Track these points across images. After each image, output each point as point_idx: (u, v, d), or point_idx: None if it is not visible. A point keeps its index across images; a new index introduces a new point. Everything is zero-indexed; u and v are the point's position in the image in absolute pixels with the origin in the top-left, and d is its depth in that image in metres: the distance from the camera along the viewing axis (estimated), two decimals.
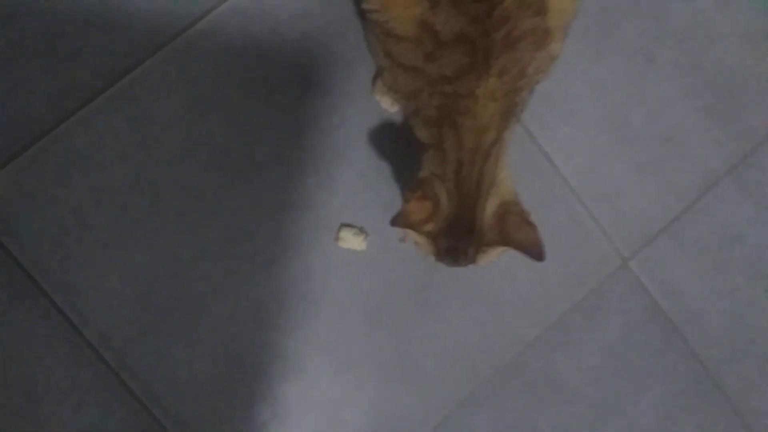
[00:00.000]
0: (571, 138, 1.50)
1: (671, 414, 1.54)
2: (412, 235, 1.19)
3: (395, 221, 1.15)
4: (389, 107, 1.41)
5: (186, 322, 1.40)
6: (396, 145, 1.44)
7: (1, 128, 1.35)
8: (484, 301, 1.48)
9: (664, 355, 1.53)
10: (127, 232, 1.38)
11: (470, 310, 1.48)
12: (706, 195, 1.54)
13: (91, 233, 1.37)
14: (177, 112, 1.39)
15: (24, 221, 1.35)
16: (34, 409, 1.36)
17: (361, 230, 1.43)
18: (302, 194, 1.42)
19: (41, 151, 1.36)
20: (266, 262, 1.42)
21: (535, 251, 1.14)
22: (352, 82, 1.42)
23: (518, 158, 1.41)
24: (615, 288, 1.52)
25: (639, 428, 1.53)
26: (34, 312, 1.36)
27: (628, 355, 1.52)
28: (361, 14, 1.33)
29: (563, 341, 1.50)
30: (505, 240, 1.16)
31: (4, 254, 1.35)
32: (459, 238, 1.16)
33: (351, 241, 1.42)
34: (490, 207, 1.16)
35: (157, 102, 1.38)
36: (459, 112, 1.12)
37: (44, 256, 1.36)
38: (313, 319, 1.43)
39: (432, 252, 1.20)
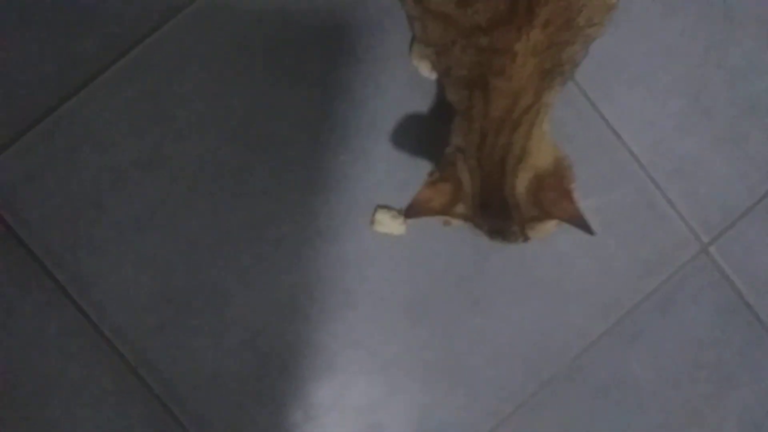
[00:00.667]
0: (639, 107, 1.37)
1: (759, 420, 1.41)
2: (447, 219, 1.09)
3: (408, 212, 1.07)
4: (429, 74, 1.30)
5: (208, 314, 1.32)
6: (437, 117, 1.33)
7: (7, 103, 1.30)
8: (540, 293, 1.37)
9: (750, 353, 1.40)
10: (144, 216, 1.31)
11: (526, 303, 1.37)
12: None
13: (105, 217, 1.31)
14: (195, 83, 1.32)
15: (33, 205, 1.30)
16: (46, 405, 1.30)
17: (400, 212, 1.33)
18: (333, 173, 1.33)
19: (49, 127, 1.30)
20: (295, 249, 1.33)
21: (579, 227, 1.04)
22: (387, 47, 1.33)
23: (578, 130, 1.33)
24: (693, 277, 1.39)
25: None
26: (46, 303, 1.30)
27: (708, 354, 1.40)
28: None
29: (633, 338, 1.38)
30: (546, 217, 1.06)
31: (14, 240, 1.30)
32: (496, 217, 1.08)
33: (388, 224, 1.32)
34: (522, 183, 1.05)
35: (173, 72, 1.31)
36: (493, 71, 1.00)
37: (56, 243, 1.30)
38: (348, 312, 1.34)
39: (480, 233, 1.10)
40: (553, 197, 1.04)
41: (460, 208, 1.08)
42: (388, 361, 1.35)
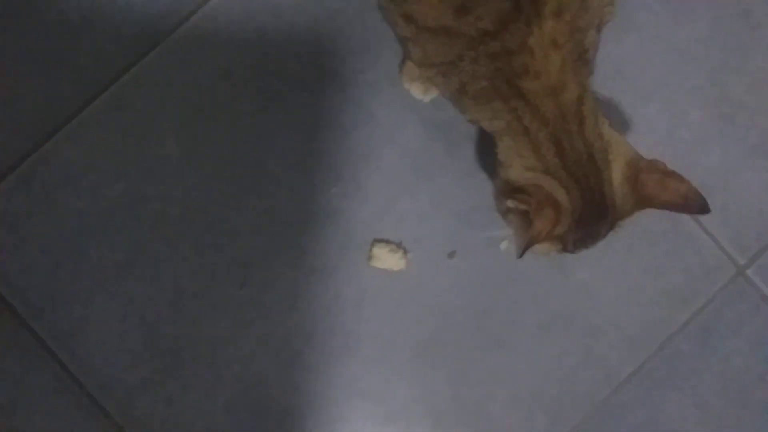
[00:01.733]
0: (656, 120, 1.29)
1: None
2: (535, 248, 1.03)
3: (526, 249, 0.99)
4: (422, 95, 1.24)
5: (199, 365, 1.24)
6: (433, 141, 1.27)
7: None
8: (562, 328, 1.27)
9: None
10: (127, 262, 1.25)
11: (547, 341, 1.27)
12: None
13: (86, 265, 1.25)
14: (175, 118, 1.26)
15: (10, 255, 1.24)
16: None
17: (398, 246, 1.25)
18: (325, 207, 1.26)
19: (25, 173, 1.25)
20: (288, 290, 1.25)
21: (695, 205, 1.01)
22: (376, 71, 1.26)
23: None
24: (730, 303, 1.29)
25: None
26: (26, 360, 1.23)
27: (754, 388, 1.28)
28: None
29: (669, 375, 1.28)
30: (650, 204, 1.03)
31: None
32: (593, 223, 1.03)
33: (387, 259, 1.24)
34: (617, 174, 1.02)
35: (152, 109, 1.26)
36: (517, 73, 0.94)
37: (35, 295, 1.24)
38: (349, 358, 1.25)
39: (555, 249, 1.06)
40: (658, 178, 1.01)
41: (557, 230, 1.02)
42: (396, 410, 1.26)
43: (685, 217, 1.27)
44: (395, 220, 1.27)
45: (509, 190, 1.02)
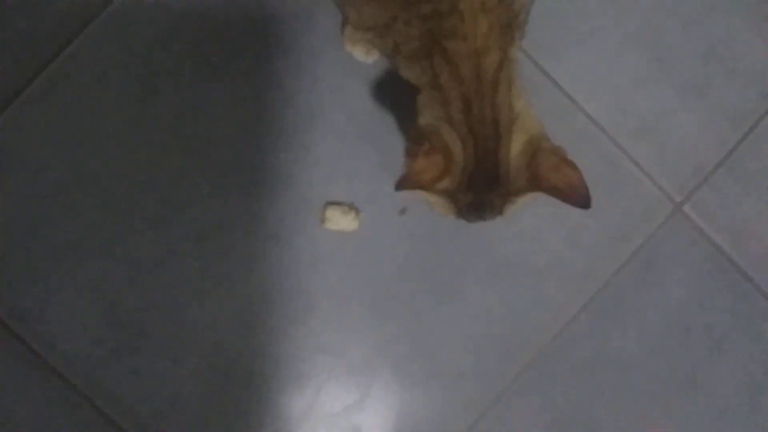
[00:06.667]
0: (592, 66, 1.31)
1: (759, 379, 1.34)
2: (423, 196, 1.02)
3: (401, 184, 0.97)
4: (365, 57, 1.24)
5: (162, 335, 1.25)
6: (379, 101, 1.27)
7: None
8: (510, 273, 1.30)
9: (739, 309, 1.35)
10: (81, 239, 1.24)
11: (495, 285, 1.30)
12: (766, 117, 1.33)
13: (40, 246, 1.24)
14: (117, 93, 1.25)
15: None
16: None
17: (351, 207, 1.27)
18: (276, 173, 1.26)
19: None
20: (245, 257, 1.26)
21: (579, 196, 0.97)
22: (317, 35, 1.26)
23: (530, 99, 1.23)
24: (669, 238, 1.33)
25: (722, 402, 1.33)
26: None
27: (696, 316, 1.34)
28: None
29: (615, 309, 1.32)
30: (539, 185, 0.99)
31: None
32: (483, 189, 1.00)
33: (339, 221, 1.26)
34: (516, 146, 0.99)
35: (93, 85, 1.24)
36: (445, 35, 0.95)
37: None
38: (310, 317, 1.27)
39: (451, 210, 1.04)
40: (553, 162, 0.98)
41: (444, 182, 1.01)
42: (358, 363, 1.29)
43: (624, 160, 1.30)
44: (346, 182, 1.28)
45: (416, 135, 1.02)
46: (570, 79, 1.30)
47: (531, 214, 1.11)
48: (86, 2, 1.23)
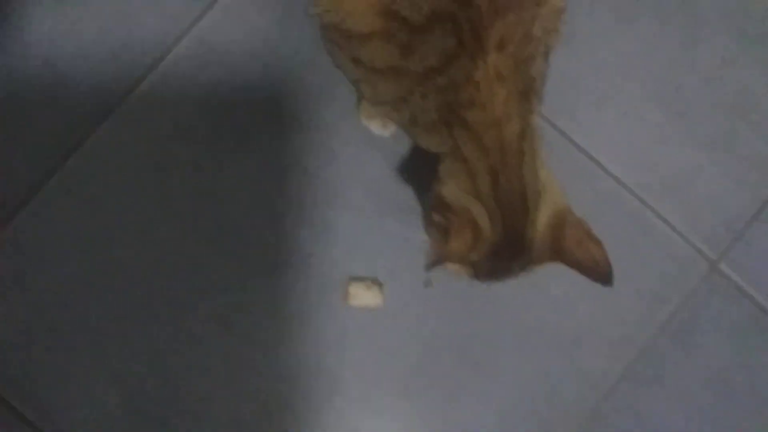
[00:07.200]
0: (612, 127, 1.30)
1: None
2: (447, 266, 1.01)
3: (433, 264, 0.98)
4: (382, 131, 1.24)
5: (187, 426, 1.22)
6: (397, 173, 1.26)
7: None
8: (543, 343, 1.27)
9: None
10: (101, 331, 1.22)
11: (529, 357, 1.26)
12: None
13: (60, 340, 1.22)
14: (137, 183, 1.25)
15: None
16: None
17: (374, 282, 1.25)
18: (296, 251, 1.25)
19: None
20: (268, 339, 1.24)
21: (601, 273, 0.99)
22: (333, 110, 1.27)
23: (551, 164, 1.20)
24: (707, 299, 1.29)
25: None
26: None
27: (741, 381, 1.29)
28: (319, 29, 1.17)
29: (654, 377, 1.27)
30: (562, 258, 1.00)
31: None
32: (506, 259, 1.00)
33: (363, 296, 1.24)
34: (542, 218, 0.99)
35: (112, 176, 1.25)
36: (463, 105, 0.94)
37: (14, 373, 1.21)
38: (337, 398, 1.24)
39: (468, 275, 1.04)
40: (579, 236, 0.99)
41: (471, 256, 1.00)
42: None
43: (653, 219, 1.28)
44: (367, 257, 1.26)
45: (439, 205, 1.01)
46: (591, 140, 1.29)
47: (560, 279, 1.08)
48: (103, 98, 1.25)
